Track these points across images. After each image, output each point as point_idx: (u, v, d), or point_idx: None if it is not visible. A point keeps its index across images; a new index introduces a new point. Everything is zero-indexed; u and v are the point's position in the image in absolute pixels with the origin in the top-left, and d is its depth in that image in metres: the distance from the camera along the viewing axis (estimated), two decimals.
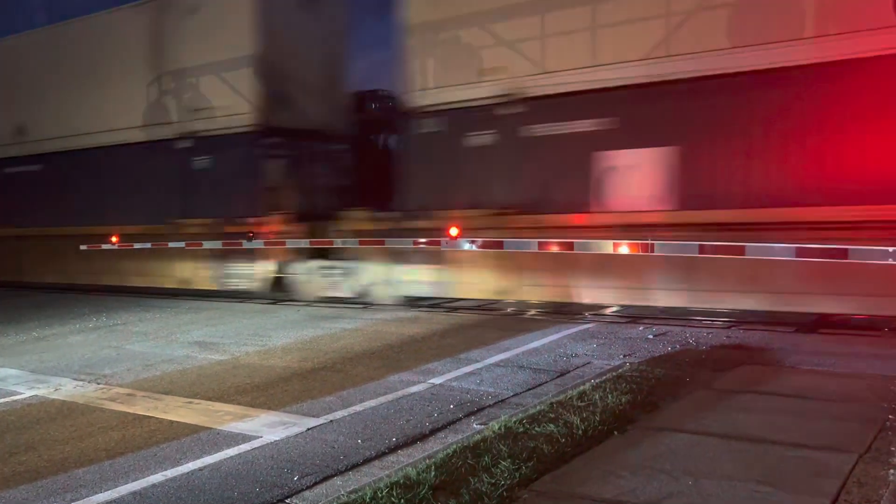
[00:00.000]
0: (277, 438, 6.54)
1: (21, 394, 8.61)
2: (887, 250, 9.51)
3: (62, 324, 14.18)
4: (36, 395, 8.51)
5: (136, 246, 18.81)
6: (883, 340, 10.29)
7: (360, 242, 14.99)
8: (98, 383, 9.02)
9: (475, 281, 14.13)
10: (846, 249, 9.84)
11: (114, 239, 19.03)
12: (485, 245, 12.93)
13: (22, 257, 22.83)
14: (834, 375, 8.12)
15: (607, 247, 11.60)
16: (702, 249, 10.88)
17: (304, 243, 16.22)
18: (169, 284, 19.20)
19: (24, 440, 6.80)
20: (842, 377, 8.02)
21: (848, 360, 8.79)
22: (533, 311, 13.98)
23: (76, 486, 5.57)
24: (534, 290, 13.77)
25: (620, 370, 8.35)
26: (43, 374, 9.66)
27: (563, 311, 13.81)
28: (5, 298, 19.90)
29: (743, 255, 10.57)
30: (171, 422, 7.22)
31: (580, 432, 6.00)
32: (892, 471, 5.08)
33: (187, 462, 6.00)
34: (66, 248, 20.71)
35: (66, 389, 8.74)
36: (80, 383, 9.05)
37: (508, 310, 14.15)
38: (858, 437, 5.78)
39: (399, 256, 14.90)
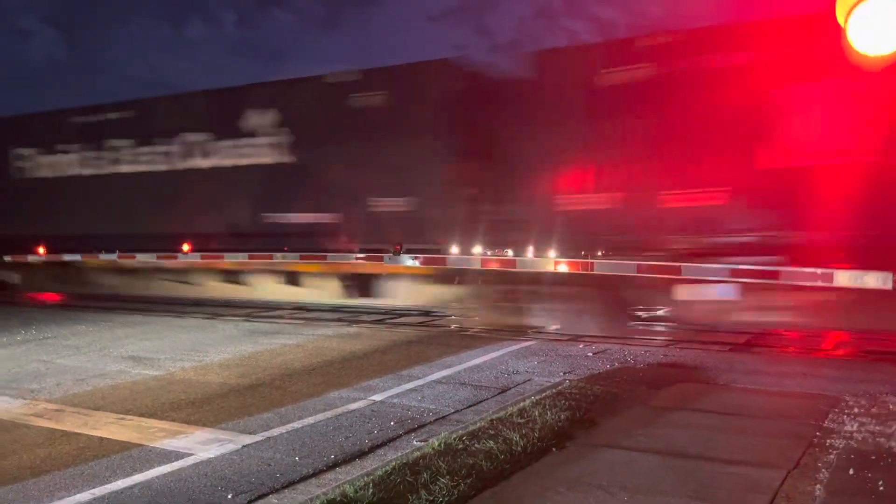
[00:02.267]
0: (212, 456, 6.39)
1: None
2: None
3: None
4: None
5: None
6: (811, 359, 10.64)
7: (303, 257, 14.87)
8: (24, 398, 8.68)
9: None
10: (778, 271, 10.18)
11: None
12: (426, 261, 12.97)
13: None
14: (765, 393, 8.35)
15: (548, 265, 11.75)
16: (639, 269, 11.12)
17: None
18: None
19: None
20: (772, 395, 8.25)
21: (779, 379, 9.05)
22: (476, 329, 14.01)
23: None
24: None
25: (560, 387, 8.43)
26: None
27: (506, 329, 13.89)
28: None
29: (679, 274, 10.84)
30: (102, 438, 6.99)
31: (519, 448, 6.02)
32: (818, 486, 5.24)
33: (117, 480, 5.81)
34: None
35: None
36: (5, 398, 8.69)
37: (452, 326, 14.16)
38: (787, 454, 5.95)
39: None
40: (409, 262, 13.16)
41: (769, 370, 9.66)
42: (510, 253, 13.27)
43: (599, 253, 12.35)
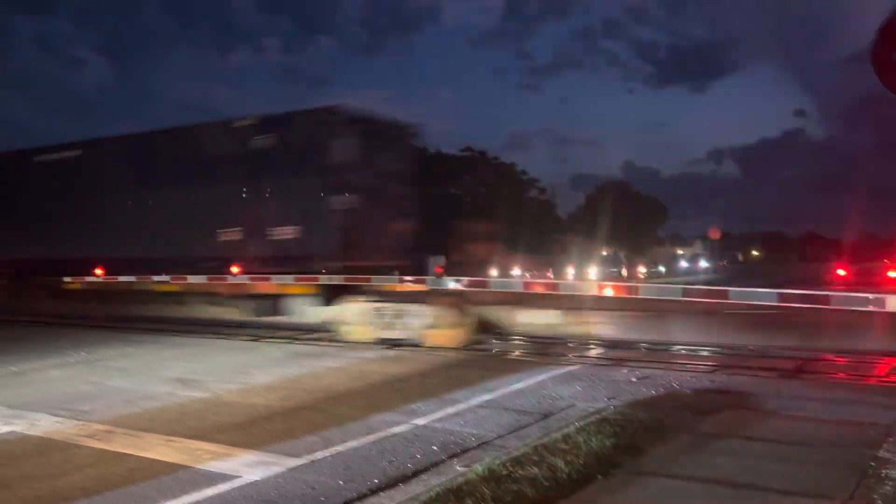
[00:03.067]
0: (257, 478, 6.45)
1: None
2: None
3: (42, 358, 13.98)
4: (12, 431, 8.35)
5: None
6: (863, 386, 10.36)
7: (347, 279, 15.04)
8: (77, 420, 8.88)
9: None
10: (829, 296, 9.97)
11: None
12: (470, 284, 13.01)
13: None
14: (816, 421, 8.15)
15: (592, 288, 11.69)
16: (686, 293, 11.00)
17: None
18: None
19: None
20: (823, 422, 8.05)
21: (829, 406, 8.83)
22: (517, 352, 13.97)
23: None
24: None
25: (604, 413, 8.33)
26: (19, 409, 9.49)
27: (548, 353, 13.82)
28: None
29: (727, 298, 10.70)
30: (151, 460, 7.11)
31: (564, 475, 5.97)
32: None
33: (165, 501, 5.89)
34: None
35: (42, 425, 8.59)
36: (59, 419, 8.90)
37: (493, 350, 14.13)
38: (841, 484, 5.79)
39: None
40: (451, 283, 13.20)
41: (819, 397, 9.43)
42: (551, 277, 13.21)
43: None
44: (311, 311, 17.61)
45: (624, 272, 50.24)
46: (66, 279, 23.21)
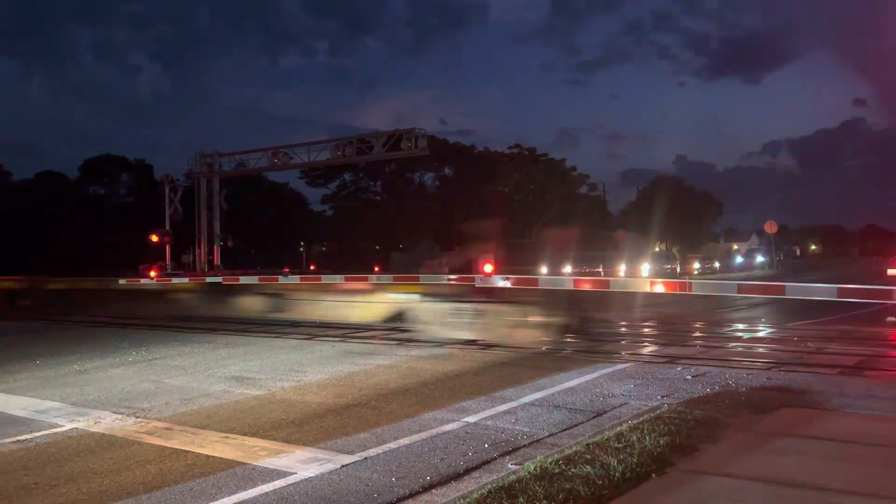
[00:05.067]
0: (312, 475, 6.54)
1: (62, 426, 8.73)
2: None
3: (103, 357, 14.41)
4: (76, 428, 8.62)
5: None
6: None
7: (396, 279, 15.11)
8: (137, 417, 9.13)
9: None
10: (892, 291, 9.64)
11: None
12: (518, 282, 12.94)
13: None
14: (880, 419, 7.89)
15: (643, 285, 11.51)
16: (739, 289, 10.76)
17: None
18: None
19: (65, 472, 6.89)
20: (888, 421, 7.79)
21: (894, 404, 8.54)
22: (569, 350, 13.85)
23: None
24: None
25: (658, 411, 8.21)
26: (83, 406, 9.80)
27: (600, 351, 13.69)
28: (50, 331, 20.34)
29: (784, 294, 10.43)
30: (208, 456, 7.26)
31: (617, 474, 5.90)
32: None
33: (223, 497, 6.01)
34: None
35: (105, 422, 8.85)
36: (120, 416, 9.16)
37: (543, 348, 14.04)
38: None
39: None
40: (500, 282, 13.16)
41: (884, 394, 9.13)
42: (601, 273, 13.07)
43: None
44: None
45: (678, 268, 49.38)
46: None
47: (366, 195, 71.98)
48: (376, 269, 36.28)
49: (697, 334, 16.60)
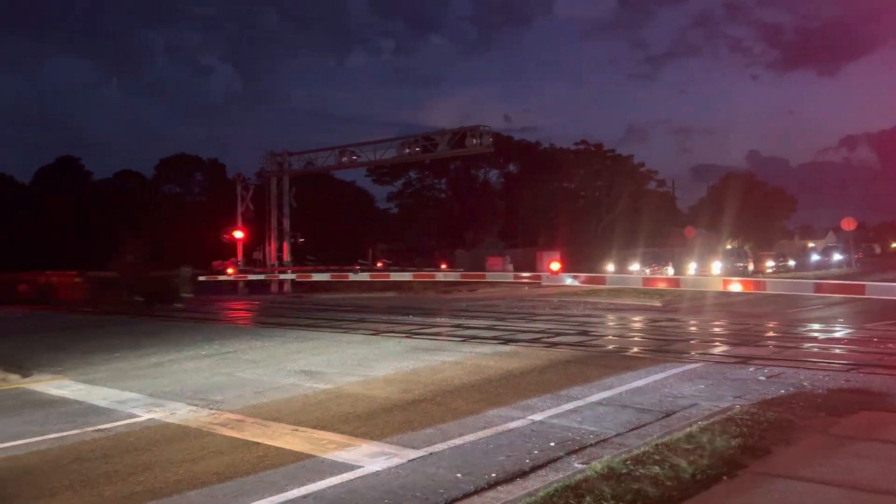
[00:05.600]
0: (379, 469, 6.62)
1: (139, 416, 9.07)
2: None
3: (178, 350, 14.90)
4: (153, 419, 8.94)
5: None
6: None
7: (464, 276, 15.17)
8: (210, 408, 9.40)
9: None
10: None
11: None
12: (587, 280, 12.81)
13: None
14: None
15: (716, 284, 11.25)
16: (817, 288, 10.41)
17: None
18: None
19: (142, 461, 7.15)
20: None
21: None
22: (636, 349, 13.65)
23: None
24: None
25: (730, 412, 8.01)
26: (159, 398, 10.16)
27: (668, 350, 13.44)
28: (126, 325, 21.13)
29: (864, 293, 10.06)
30: (278, 448, 7.43)
31: (687, 475, 5.79)
32: None
33: (292, 489, 6.15)
34: None
35: (180, 414, 9.15)
36: (194, 408, 9.45)
37: (610, 347, 13.88)
38: None
39: None
40: (568, 280, 13.05)
41: None
42: (670, 272, 12.82)
43: None
44: None
45: (750, 266, 48.01)
46: None
47: (431, 193, 72.30)
48: (443, 266, 36.47)
49: (771, 334, 16.13)
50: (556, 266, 12.92)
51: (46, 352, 15.08)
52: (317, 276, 20.48)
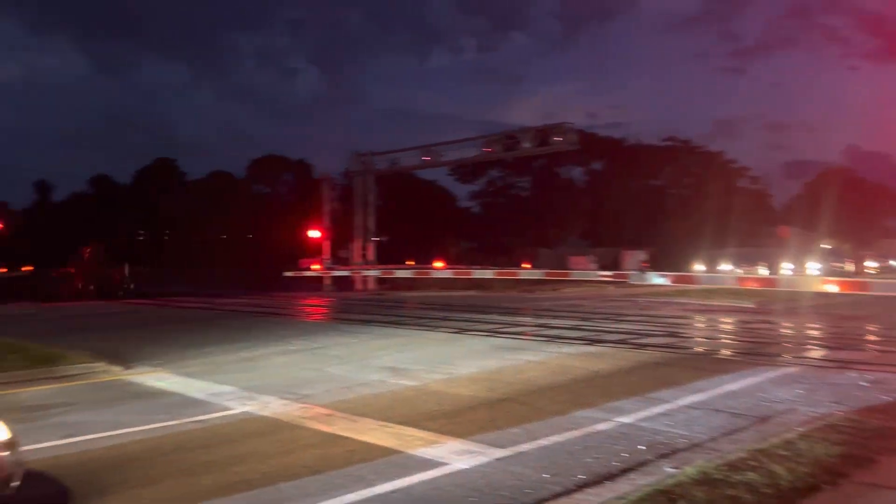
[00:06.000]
0: (465, 467, 6.64)
1: (233, 409, 9.37)
2: None
3: (268, 345, 15.34)
4: (246, 412, 9.23)
5: None
6: None
7: (547, 274, 15.05)
8: (300, 402, 9.64)
9: None
10: None
11: None
12: (677, 280, 12.49)
13: None
14: None
15: (814, 284, 10.79)
16: None
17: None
18: None
19: (238, 452, 7.39)
20: None
21: None
22: (728, 352, 13.24)
23: (282, 499, 5.97)
24: None
25: (830, 419, 7.67)
26: (252, 391, 10.47)
27: (762, 353, 12.97)
28: (218, 320, 21.90)
29: None
30: (366, 443, 7.55)
31: (785, 483, 5.57)
32: None
33: (381, 484, 6.23)
34: None
35: (272, 407, 9.41)
36: (285, 402, 9.70)
37: (700, 349, 13.50)
38: None
39: None
40: (657, 280, 12.77)
41: None
42: (764, 272, 12.37)
43: None
44: None
45: (849, 266, 45.79)
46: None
47: (513, 191, 72.05)
48: (525, 265, 36.27)
49: (873, 338, 15.35)
50: (645, 265, 12.61)
51: (145, 345, 15.76)
52: (399, 273, 20.67)
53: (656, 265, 16.68)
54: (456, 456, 6.97)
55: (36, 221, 74.07)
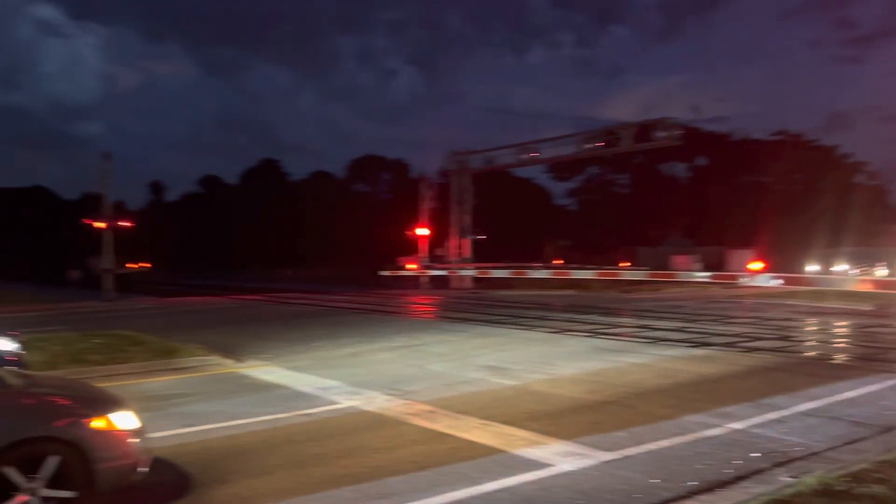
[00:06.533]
0: (571, 469, 6.57)
1: (340, 404, 9.62)
2: None
3: (371, 342, 15.66)
4: (352, 406, 9.45)
5: None
6: None
7: (651, 275, 14.72)
8: (404, 399, 9.79)
9: None
10: None
11: None
12: (789, 281, 11.96)
13: None
14: None
15: None
16: None
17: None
18: None
19: (345, 446, 7.57)
20: None
21: None
22: (844, 357, 12.58)
23: (389, 494, 6.07)
24: None
25: None
26: (357, 386, 10.71)
27: (883, 359, 12.26)
28: (322, 316, 22.51)
29: None
30: (469, 441, 7.59)
31: None
32: None
33: (486, 482, 6.25)
34: None
35: (377, 402, 9.60)
36: (389, 398, 9.88)
37: (814, 353, 12.89)
38: None
39: None
40: (769, 282, 12.27)
41: None
42: (884, 272, 11.69)
43: None
44: None
45: None
46: None
47: (612, 188, 70.82)
48: (624, 264, 35.55)
49: None
50: (757, 265, 12.14)
51: (255, 339, 16.37)
52: (496, 273, 20.69)
53: (764, 265, 15.97)
54: (561, 457, 6.92)
55: (150, 220, 78.32)
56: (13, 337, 9.96)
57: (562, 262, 45.19)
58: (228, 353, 13.66)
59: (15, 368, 8.16)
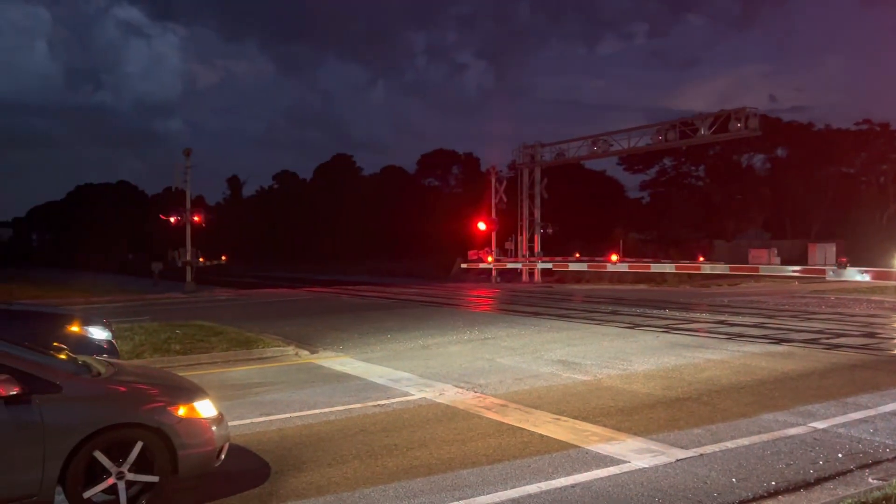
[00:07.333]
0: (645, 466, 6.48)
1: (412, 395, 9.72)
2: None
3: (442, 334, 15.75)
4: (424, 398, 9.53)
5: None
6: None
7: (731, 269, 14.34)
8: (475, 392, 9.82)
9: None
10: None
11: None
12: (878, 276, 11.48)
13: None
14: None
15: None
16: None
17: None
18: None
19: (417, 437, 7.65)
20: None
21: None
22: None
23: (462, 486, 6.11)
24: None
25: None
26: (428, 378, 10.81)
27: None
28: (393, 308, 22.76)
29: None
30: (541, 436, 7.56)
31: None
32: None
33: (559, 477, 6.22)
34: None
35: (448, 395, 9.66)
36: (460, 390, 9.93)
37: None
38: None
39: None
40: (857, 276, 11.80)
41: None
42: None
43: None
44: None
45: None
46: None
47: (687, 180, 69.11)
48: (700, 258, 34.69)
49: None
50: (843, 260, 11.68)
51: (329, 331, 16.69)
52: (571, 267, 20.49)
53: (849, 260, 15.32)
54: (635, 454, 6.82)
55: (228, 214, 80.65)
56: (105, 325, 10.43)
57: (637, 255, 44.41)
58: (304, 344, 13.96)
59: (106, 356, 8.56)
